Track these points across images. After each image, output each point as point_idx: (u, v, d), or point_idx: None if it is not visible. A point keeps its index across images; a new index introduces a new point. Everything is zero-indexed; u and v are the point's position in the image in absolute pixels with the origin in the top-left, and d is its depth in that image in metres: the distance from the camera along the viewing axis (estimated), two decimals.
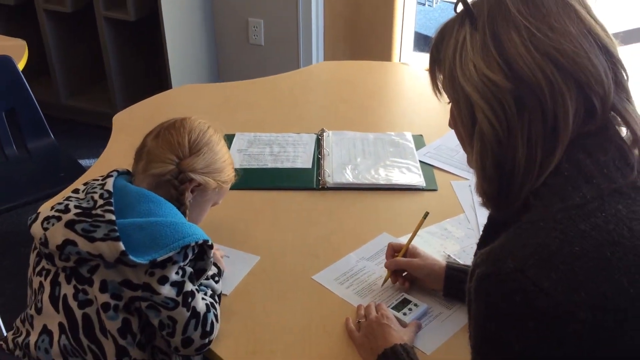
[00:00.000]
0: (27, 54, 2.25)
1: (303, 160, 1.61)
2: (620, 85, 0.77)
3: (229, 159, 1.18)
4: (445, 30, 0.82)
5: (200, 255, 1.04)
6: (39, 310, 1.01)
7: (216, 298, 1.11)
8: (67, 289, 0.98)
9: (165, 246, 0.96)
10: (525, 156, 0.75)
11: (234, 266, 1.24)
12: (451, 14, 0.83)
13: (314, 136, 1.71)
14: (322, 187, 1.50)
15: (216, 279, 1.14)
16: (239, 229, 1.36)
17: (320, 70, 2.30)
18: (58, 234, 0.96)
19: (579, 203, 0.71)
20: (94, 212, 0.97)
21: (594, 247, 0.67)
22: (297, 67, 3.06)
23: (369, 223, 1.39)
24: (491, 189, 0.79)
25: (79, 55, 3.24)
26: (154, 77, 3.27)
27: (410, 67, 2.24)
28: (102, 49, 2.99)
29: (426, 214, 1.23)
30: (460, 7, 0.81)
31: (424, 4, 5.28)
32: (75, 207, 0.99)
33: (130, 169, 1.14)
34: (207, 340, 1.03)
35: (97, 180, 1.07)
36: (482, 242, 0.96)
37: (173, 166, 1.08)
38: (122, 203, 1.01)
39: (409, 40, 3.00)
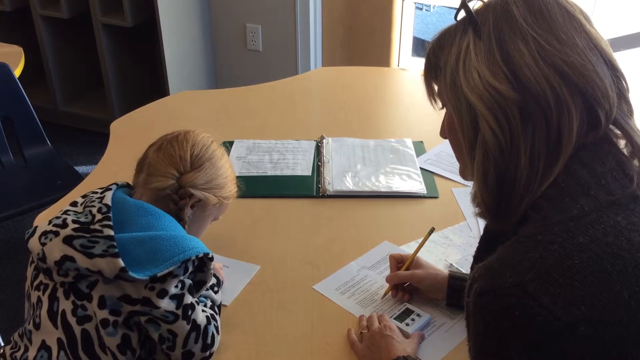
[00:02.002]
0: (23, 61, 2.24)
1: (303, 167, 1.60)
2: (624, 98, 0.77)
3: (231, 175, 1.17)
4: (446, 37, 0.81)
5: (200, 267, 1.03)
6: (37, 326, 0.99)
7: (216, 309, 1.10)
8: (65, 305, 0.97)
9: (166, 260, 0.95)
10: (527, 168, 0.74)
11: (234, 276, 1.23)
12: (449, 19, 0.82)
13: (314, 143, 1.70)
14: (322, 195, 1.49)
15: (215, 289, 1.13)
16: (238, 238, 1.35)
17: (319, 76, 2.30)
18: (56, 250, 0.95)
19: (577, 215, 0.70)
20: (92, 227, 0.96)
21: (593, 260, 0.66)
22: (295, 73, 3.05)
23: (369, 231, 1.38)
24: (491, 200, 0.78)
25: (76, 61, 3.23)
26: (151, 83, 3.27)
27: (409, 72, 2.24)
28: (99, 55, 2.98)
29: (432, 230, 1.22)
30: (461, 15, 0.80)
31: (421, 9, 5.28)
32: (74, 221, 0.97)
33: (129, 178, 1.13)
34: (207, 353, 1.02)
35: (96, 192, 1.06)
36: (479, 255, 0.95)
37: (173, 181, 1.07)
38: (121, 217, 0.99)
39: (408, 45, 2.99)
